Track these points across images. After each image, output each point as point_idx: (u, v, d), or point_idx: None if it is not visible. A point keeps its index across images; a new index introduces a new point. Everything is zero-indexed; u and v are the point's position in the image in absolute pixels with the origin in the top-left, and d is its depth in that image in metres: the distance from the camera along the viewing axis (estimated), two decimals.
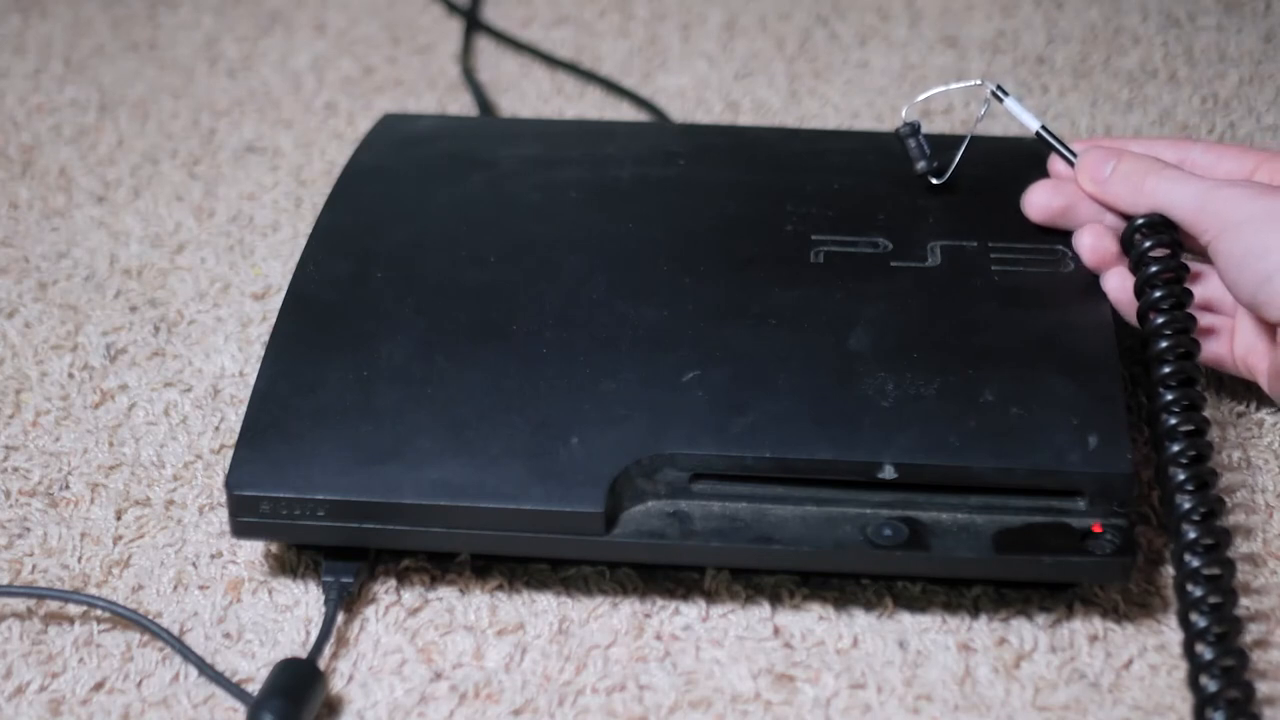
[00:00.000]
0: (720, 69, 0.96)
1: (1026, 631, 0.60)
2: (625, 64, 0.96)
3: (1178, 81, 0.93)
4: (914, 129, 0.71)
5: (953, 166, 0.70)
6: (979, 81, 0.71)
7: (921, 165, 0.70)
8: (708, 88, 0.94)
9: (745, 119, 0.91)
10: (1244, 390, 0.70)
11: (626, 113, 0.92)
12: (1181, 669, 0.59)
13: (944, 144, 0.71)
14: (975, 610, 0.61)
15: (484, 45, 0.99)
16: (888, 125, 0.90)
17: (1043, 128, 0.69)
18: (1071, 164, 0.68)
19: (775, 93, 0.94)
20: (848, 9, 1.01)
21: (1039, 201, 0.68)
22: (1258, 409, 0.69)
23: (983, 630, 0.61)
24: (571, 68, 0.96)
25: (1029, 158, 0.73)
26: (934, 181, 0.71)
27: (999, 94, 0.70)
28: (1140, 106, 0.91)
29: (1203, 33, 0.98)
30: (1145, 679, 0.59)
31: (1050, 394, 0.61)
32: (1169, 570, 0.62)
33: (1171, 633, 0.60)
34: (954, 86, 0.75)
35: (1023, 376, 0.61)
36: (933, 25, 0.99)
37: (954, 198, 0.71)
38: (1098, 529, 0.58)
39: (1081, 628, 0.60)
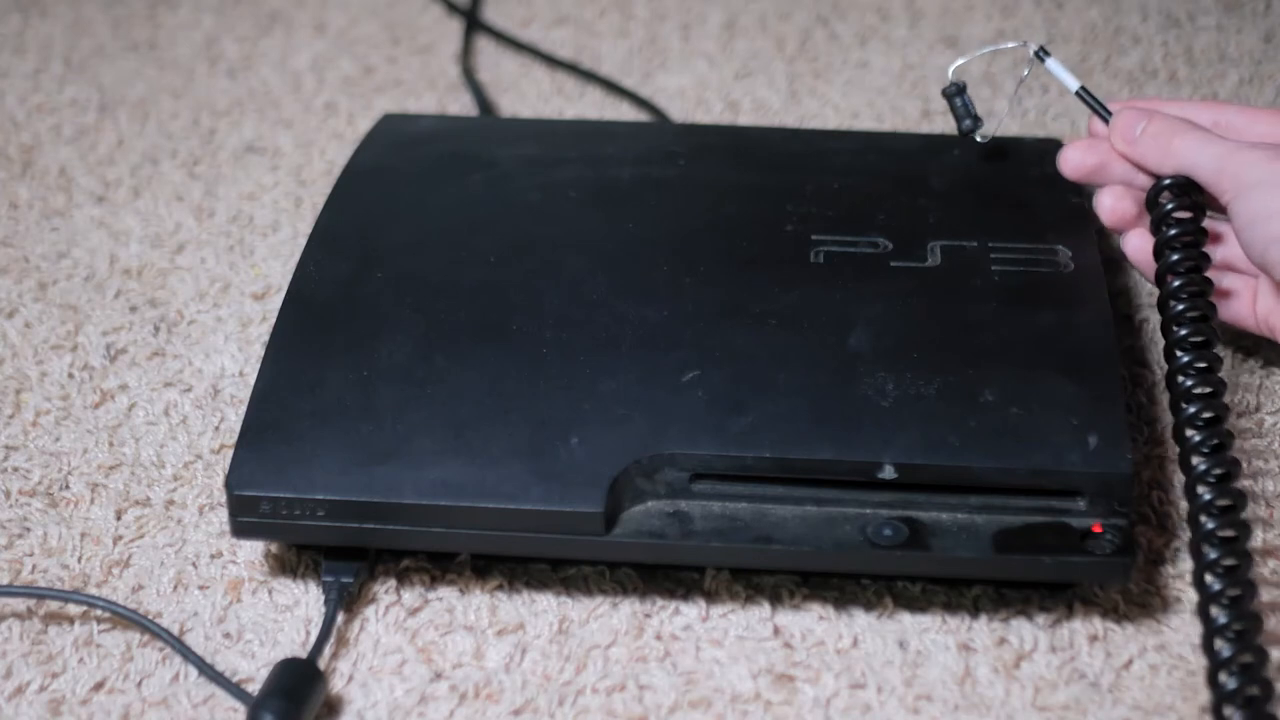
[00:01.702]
0: (720, 69, 0.96)
1: (1026, 631, 0.60)
2: (625, 64, 0.96)
3: (1178, 81, 0.93)
4: (959, 88, 0.72)
5: (997, 126, 0.72)
6: (1022, 43, 0.73)
7: (966, 124, 0.72)
8: (708, 88, 0.94)
9: (745, 119, 0.91)
10: (1244, 390, 0.70)
11: (626, 113, 0.92)
12: (1181, 669, 0.59)
13: (945, 144, 0.72)
14: (975, 610, 0.61)
15: (484, 45, 0.99)
16: (888, 125, 0.90)
17: (1082, 88, 0.70)
18: (1108, 123, 0.68)
19: (775, 93, 0.94)
20: (848, 9, 1.01)
21: (1073, 159, 0.69)
22: (1258, 409, 0.69)
23: (983, 630, 0.61)
24: (571, 68, 0.96)
25: (1029, 157, 0.74)
26: (977, 139, 0.72)
27: (1041, 55, 0.71)
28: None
29: (1203, 33, 0.98)
30: (1145, 679, 0.59)
31: (1050, 394, 0.61)
32: (1169, 570, 0.63)
33: (1171, 633, 0.60)
34: (997, 48, 0.78)
35: (1023, 376, 0.61)
36: (933, 25, 0.99)
37: (954, 198, 0.71)
38: (1098, 529, 0.58)
39: (1081, 628, 0.60)
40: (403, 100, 0.93)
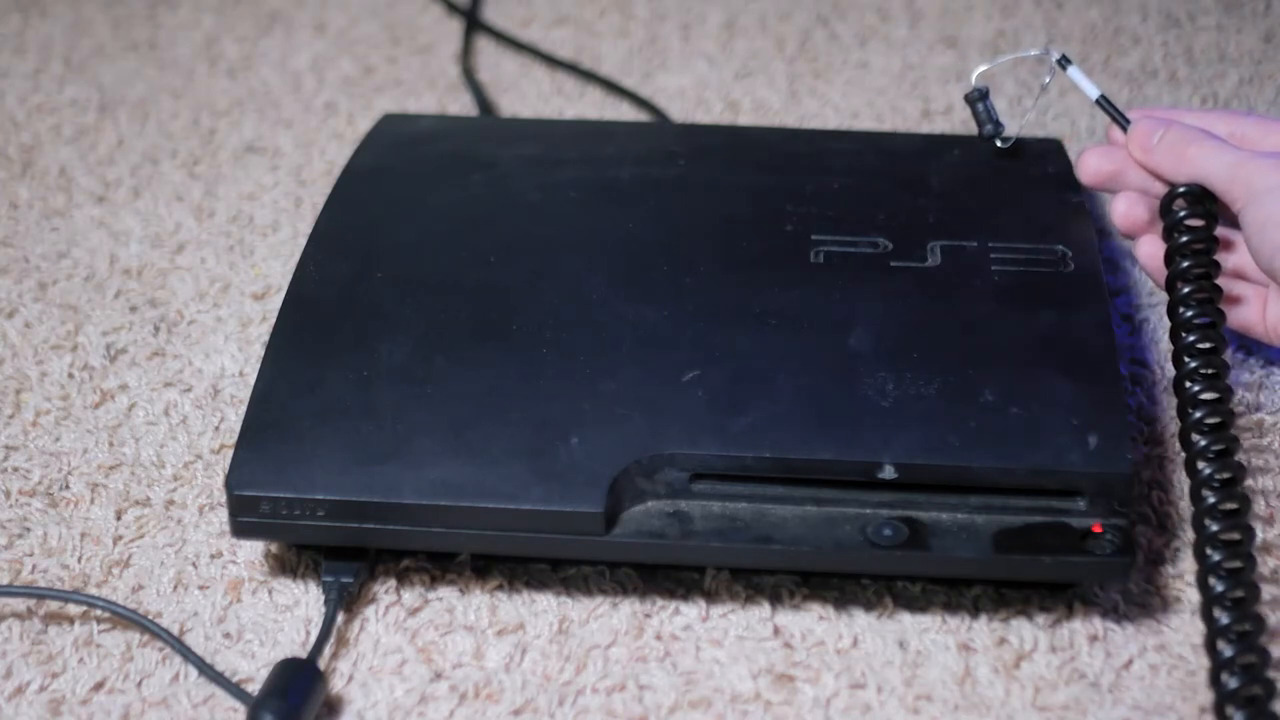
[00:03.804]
0: (720, 69, 0.96)
1: (1026, 631, 0.60)
2: (625, 64, 0.96)
3: (1178, 81, 0.93)
4: (982, 94, 0.73)
5: (1018, 131, 0.73)
6: (1044, 50, 0.73)
7: (988, 128, 0.73)
8: (708, 88, 0.94)
9: (745, 119, 0.91)
10: (1244, 390, 0.70)
11: (626, 113, 0.92)
12: (1181, 669, 0.59)
13: (944, 144, 0.71)
14: (975, 610, 0.61)
15: (484, 45, 0.99)
16: (888, 125, 0.90)
17: (1102, 96, 0.71)
18: (1126, 131, 0.69)
19: (775, 93, 0.94)
20: (848, 9, 1.01)
21: (1091, 165, 0.70)
22: (1258, 409, 0.69)
23: (983, 630, 0.61)
24: (571, 68, 0.96)
25: (1029, 157, 0.74)
26: (999, 145, 0.73)
27: (1063, 63, 0.72)
28: (1140, 106, 0.91)
29: (1203, 33, 0.98)
30: (1145, 679, 0.59)
31: (1050, 394, 0.61)
32: (1169, 570, 0.63)
33: (1171, 633, 0.60)
34: (1018, 55, 0.78)
35: (1023, 376, 0.61)
36: (933, 25, 0.99)
37: (954, 198, 0.71)
38: (1098, 529, 0.58)
39: (1081, 628, 0.60)
40: (403, 100, 0.93)
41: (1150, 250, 0.68)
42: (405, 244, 0.69)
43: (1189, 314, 0.63)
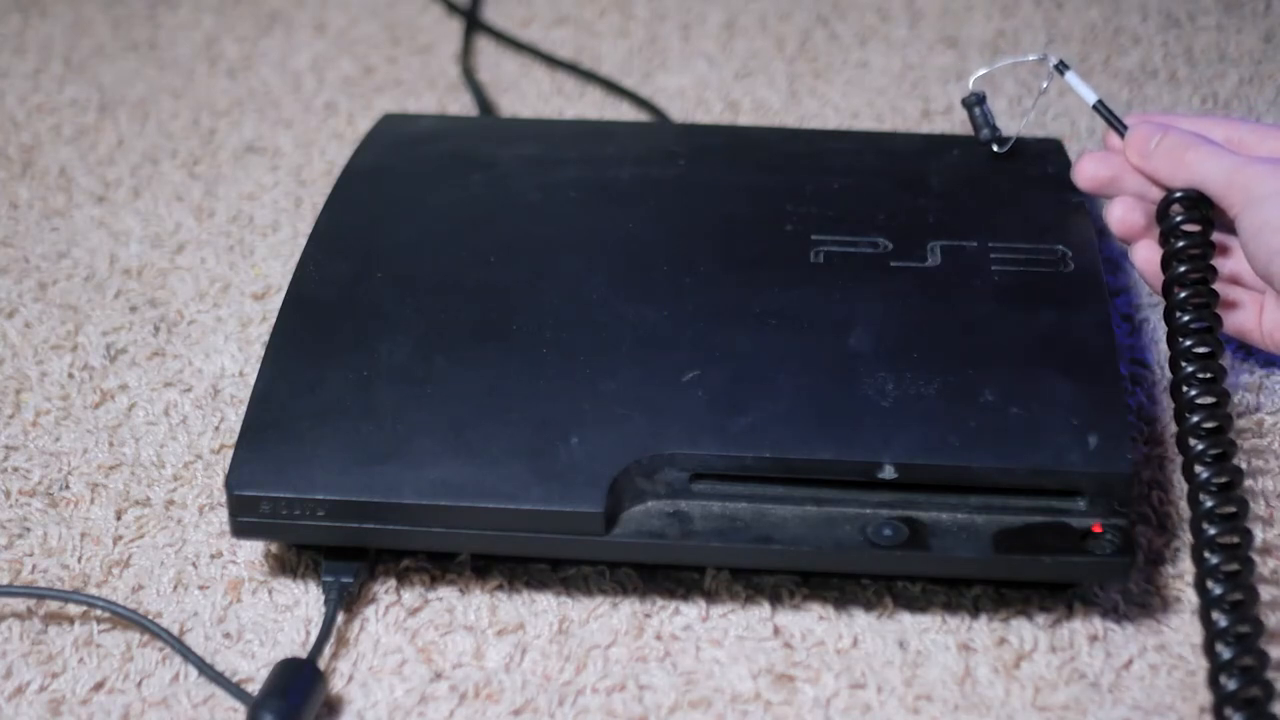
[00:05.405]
0: (720, 69, 0.96)
1: (1026, 631, 0.60)
2: (625, 64, 0.96)
3: (1178, 81, 0.93)
4: (979, 99, 0.73)
5: (1015, 136, 0.73)
6: (1042, 56, 0.73)
7: (984, 134, 0.73)
8: (708, 88, 0.94)
9: (745, 119, 0.91)
10: (1244, 391, 0.70)
11: (626, 113, 0.92)
12: (1181, 669, 0.59)
13: (944, 144, 0.71)
14: (975, 610, 0.61)
15: (484, 45, 0.99)
16: (888, 125, 0.90)
17: (1099, 102, 0.70)
18: (1123, 136, 0.69)
19: (775, 93, 0.94)
20: (848, 9, 1.01)
21: (1087, 171, 0.70)
22: (1258, 409, 0.69)
23: (983, 630, 0.61)
24: (571, 68, 0.96)
25: (1029, 157, 0.74)
26: (995, 150, 0.73)
27: (1061, 68, 0.72)
28: (1140, 107, 0.91)
29: (1203, 33, 0.98)
30: (1145, 679, 0.59)
31: (1050, 394, 0.61)
32: (1169, 570, 0.63)
33: (1171, 633, 0.60)
34: (1016, 60, 0.79)
35: (1023, 376, 0.61)
36: (933, 25, 0.99)
37: (954, 198, 0.71)
38: (1098, 529, 0.58)
39: (1081, 628, 0.60)
40: (403, 100, 0.93)
41: (1146, 255, 0.68)
42: (405, 244, 0.70)
43: (1186, 319, 0.63)
